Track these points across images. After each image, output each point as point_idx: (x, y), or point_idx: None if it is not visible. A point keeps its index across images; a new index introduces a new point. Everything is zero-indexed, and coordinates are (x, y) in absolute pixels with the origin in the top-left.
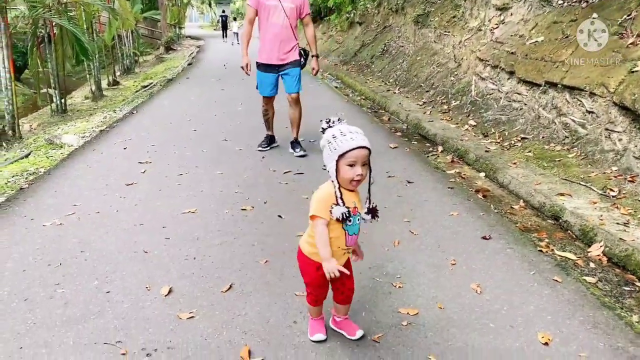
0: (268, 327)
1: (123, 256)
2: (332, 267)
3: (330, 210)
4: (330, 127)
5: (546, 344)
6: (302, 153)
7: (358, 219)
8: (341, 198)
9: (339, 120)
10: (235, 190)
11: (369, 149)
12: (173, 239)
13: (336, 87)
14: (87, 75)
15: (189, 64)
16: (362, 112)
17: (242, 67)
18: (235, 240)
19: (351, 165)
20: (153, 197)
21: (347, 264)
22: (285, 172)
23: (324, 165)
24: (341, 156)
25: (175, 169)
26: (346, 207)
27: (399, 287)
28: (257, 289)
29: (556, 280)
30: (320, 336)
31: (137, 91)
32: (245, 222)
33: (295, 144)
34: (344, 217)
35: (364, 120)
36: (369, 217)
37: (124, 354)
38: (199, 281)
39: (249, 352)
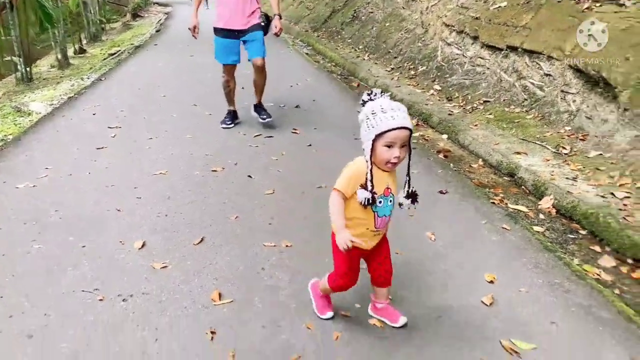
0: (237, 274)
1: (96, 214)
2: (344, 238)
3: (356, 192)
4: (371, 99)
5: (491, 282)
6: (267, 119)
7: (390, 201)
8: (371, 180)
9: (381, 93)
10: (205, 153)
11: (410, 130)
12: (144, 198)
13: (307, 53)
14: (53, 44)
15: (157, 31)
16: (332, 78)
17: (189, 29)
18: (206, 199)
19: (389, 146)
20: (123, 160)
21: (383, 246)
22: (255, 136)
23: (358, 137)
24: (379, 135)
25: (145, 134)
26: (372, 192)
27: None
28: (227, 242)
29: (505, 228)
30: (331, 314)
31: (104, 59)
32: (216, 182)
33: (259, 108)
34: (367, 202)
35: (334, 86)
36: (408, 201)
37: (101, 299)
38: (171, 236)
39: (219, 294)
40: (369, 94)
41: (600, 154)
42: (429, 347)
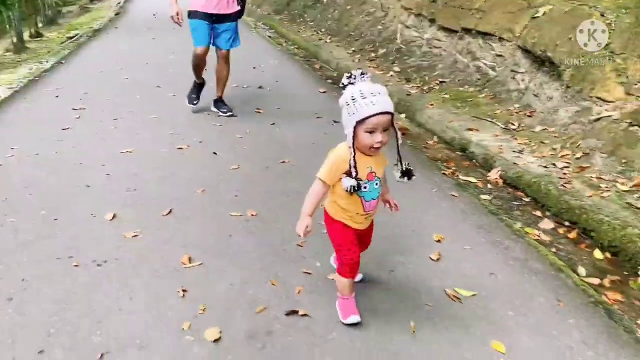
0: (206, 241)
1: (66, 190)
2: (301, 225)
3: (341, 179)
4: (351, 83)
5: (439, 241)
6: (229, 113)
7: (376, 184)
8: (355, 167)
9: (361, 74)
10: (170, 132)
11: (391, 114)
12: (113, 175)
13: (270, 36)
14: (7, 27)
15: (117, 14)
16: (294, 60)
17: (171, 17)
18: (173, 175)
19: (370, 132)
20: (90, 140)
21: (371, 225)
22: (219, 115)
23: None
24: (359, 122)
25: (110, 115)
26: (356, 178)
27: (321, 205)
28: (195, 213)
29: (454, 195)
30: (356, 318)
31: (62, 42)
32: (182, 159)
33: (219, 103)
34: (353, 190)
35: (297, 68)
36: (404, 179)
37: (76, 265)
38: (141, 208)
39: (189, 258)
40: (348, 77)
41: (545, 129)
42: (381, 297)
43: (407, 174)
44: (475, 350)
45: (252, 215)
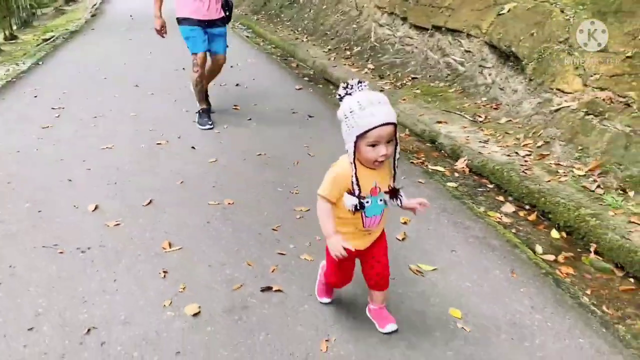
0: (185, 228)
1: (49, 185)
2: (336, 245)
3: (343, 196)
4: (348, 94)
5: (405, 223)
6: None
7: (380, 200)
8: (357, 184)
9: (359, 84)
10: (149, 128)
11: (394, 124)
12: (94, 170)
13: (247, 36)
14: None
15: (93, 16)
16: (272, 59)
17: (156, 30)
18: (152, 169)
19: (373, 145)
20: (70, 137)
21: (377, 246)
22: (197, 112)
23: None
24: (360, 136)
25: (90, 113)
26: (359, 196)
27: (296, 193)
28: (175, 203)
29: (420, 182)
30: (327, 299)
31: (38, 44)
32: (161, 153)
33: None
34: (356, 209)
35: (274, 67)
36: (386, 196)
37: (61, 252)
38: (122, 199)
39: (170, 244)
40: (344, 87)
41: (510, 120)
42: None
43: (392, 192)
44: (435, 317)
45: (229, 203)
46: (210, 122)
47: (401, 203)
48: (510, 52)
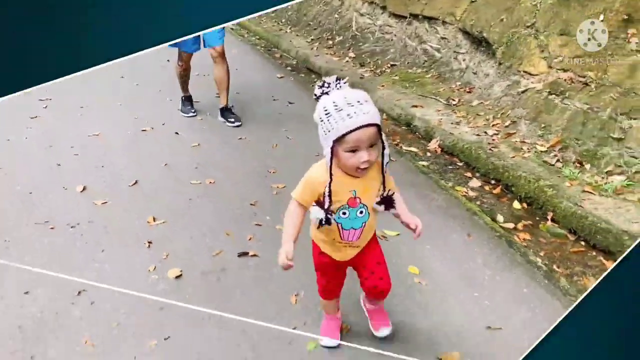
0: (169, 204)
1: (38, 169)
2: (280, 255)
3: (310, 209)
4: (325, 93)
5: None
6: (237, 123)
7: (361, 212)
8: (329, 196)
9: (337, 81)
10: (135, 116)
11: (377, 125)
12: (81, 155)
13: (232, 28)
14: None
15: None
16: (255, 50)
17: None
18: (138, 152)
19: (353, 151)
20: (58, 126)
21: (372, 252)
22: (180, 99)
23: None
24: (337, 141)
25: (76, 103)
26: (328, 210)
27: (273, 172)
28: (159, 183)
29: (392, 160)
30: (330, 341)
31: None
32: (146, 139)
33: (226, 112)
34: (320, 223)
35: (257, 57)
36: (381, 207)
37: (52, 228)
38: (109, 180)
39: (154, 218)
40: (320, 86)
41: (481, 103)
42: None
43: (386, 202)
44: (395, 274)
45: (210, 182)
46: (193, 110)
47: (397, 212)
48: (482, 38)
